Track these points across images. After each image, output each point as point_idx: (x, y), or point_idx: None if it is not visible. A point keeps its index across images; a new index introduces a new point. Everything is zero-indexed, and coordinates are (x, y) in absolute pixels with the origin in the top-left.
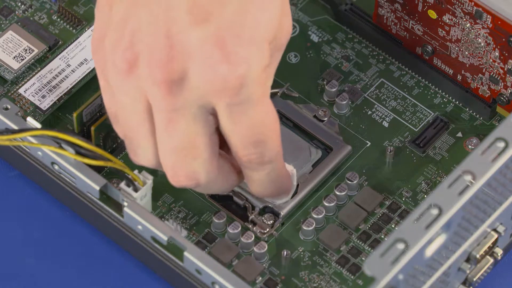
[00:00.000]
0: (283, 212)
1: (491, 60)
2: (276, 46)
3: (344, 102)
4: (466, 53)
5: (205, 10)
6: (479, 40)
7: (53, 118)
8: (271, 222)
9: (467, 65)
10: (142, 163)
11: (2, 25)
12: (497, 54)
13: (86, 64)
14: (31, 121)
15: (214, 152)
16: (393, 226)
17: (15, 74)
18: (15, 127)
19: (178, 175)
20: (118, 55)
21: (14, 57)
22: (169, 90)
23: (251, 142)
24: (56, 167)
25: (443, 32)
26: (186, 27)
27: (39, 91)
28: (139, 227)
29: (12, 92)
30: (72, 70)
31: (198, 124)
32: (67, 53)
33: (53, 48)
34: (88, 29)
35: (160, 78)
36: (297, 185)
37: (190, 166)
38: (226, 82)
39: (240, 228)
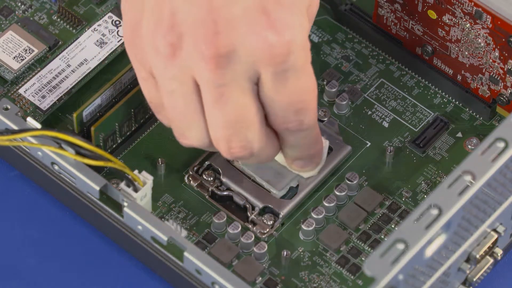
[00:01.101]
0: (283, 212)
1: (491, 60)
2: (310, 14)
3: (344, 102)
4: (466, 53)
5: None
6: (479, 40)
7: (53, 118)
8: (271, 222)
9: (467, 65)
10: (193, 144)
11: (2, 25)
12: (497, 54)
13: (86, 64)
14: (31, 121)
15: (263, 120)
16: (393, 226)
17: (15, 74)
18: (15, 127)
19: (233, 147)
20: (160, 41)
21: (14, 57)
22: (218, 65)
23: (292, 110)
24: (56, 167)
25: (443, 32)
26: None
27: (39, 91)
28: (139, 227)
29: (12, 92)
30: (72, 70)
31: (248, 94)
32: (67, 53)
33: (53, 48)
34: (88, 29)
35: (209, 54)
36: (297, 185)
37: (244, 137)
38: (274, 50)
39: (240, 228)
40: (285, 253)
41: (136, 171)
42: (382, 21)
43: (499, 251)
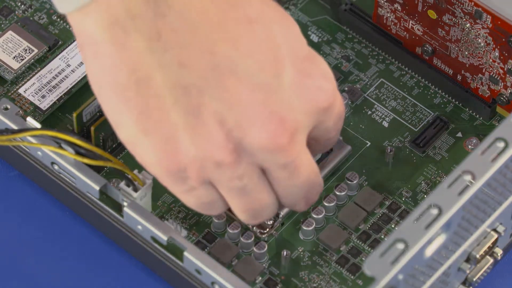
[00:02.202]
0: (283, 212)
1: (491, 60)
2: None
3: (344, 102)
4: (466, 53)
5: None
6: (479, 40)
7: (53, 118)
8: (271, 222)
9: (467, 65)
10: (264, 220)
11: (2, 25)
12: (497, 54)
13: None
14: (31, 121)
15: None
16: (393, 226)
17: (15, 74)
18: (15, 127)
19: (309, 203)
20: (220, 154)
21: (14, 57)
22: (286, 147)
23: (302, 196)
24: (56, 167)
25: (443, 32)
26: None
27: (39, 91)
28: (139, 227)
29: (12, 92)
30: (72, 70)
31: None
32: (67, 53)
33: (53, 48)
34: None
35: (276, 144)
36: None
37: (314, 191)
38: (327, 106)
39: (240, 228)
40: (285, 253)
41: (136, 171)
42: (382, 21)
43: (499, 251)
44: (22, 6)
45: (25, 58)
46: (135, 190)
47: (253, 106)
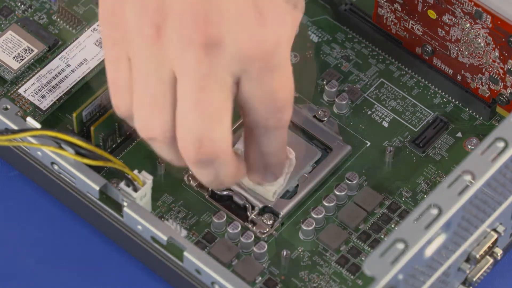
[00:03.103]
0: (282, 212)
1: (490, 60)
2: (299, 10)
3: (344, 102)
4: (466, 53)
5: None
6: (479, 40)
7: (53, 118)
8: (270, 222)
9: (467, 65)
10: (154, 136)
11: (2, 25)
12: (496, 54)
13: (86, 64)
14: (30, 121)
15: (231, 123)
16: (392, 226)
17: (15, 74)
18: (15, 127)
19: (201, 147)
20: (145, 21)
21: (14, 57)
22: (204, 54)
23: (274, 107)
24: (55, 167)
25: (443, 32)
26: None
27: (38, 91)
28: (139, 227)
29: (12, 92)
30: (71, 70)
31: (226, 92)
32: (66, 53)
33: (53, 48)
34: (87, 29)
35: (198, 41)
36: (297, 185)
37: (214, 136)
38: (264, 46)
39: (239, 228)
40: (285, 253)
41: (136, 171)
42: (382, 21)
43: (499, 251)
44: (22, 6)
45: (25, 58)
46: (135, 190)
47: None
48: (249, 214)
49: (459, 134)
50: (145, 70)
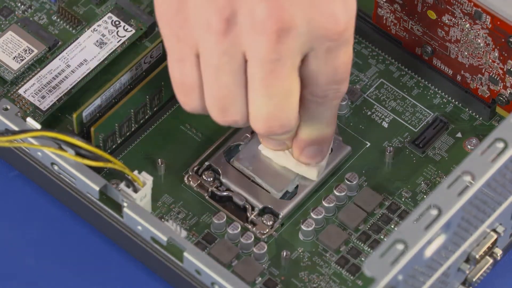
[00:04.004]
0: (282, 213)
1: (490, 60)
2: None
3: (344, 103)
4: (466, 53)
5: None
6: (479, 40)
7: (53, 119)
8: (270, 222)
9: (467, 66)
10: (235, 120)
11: (2, 26)
12: (496, 54)
13: (86, 64)
14: (30, 122)
15: (298, 97)
16: (392, 226)
17: (15, 75)
18: (15, 128)
19: (273, 125)
20: (213, 16)
21: (14, 58)
22: (279, 39)
23: (336, 80)
24: (56, 167)
25: (443, 32)
26: None
27: (38, 91)
28: (139, 227)
29: (12, 92)
30: (71, 71)
31: (295, 71)
32: (66, 53)
33: (53, 48)
34: (87, 29)
35: (270, 29)
36: (297, 186)
37: (285, 114)
38: (336, 25)
39: (239, 229)
40: (284, 253)
41: (135, 172)
42: (381, 21)
43: (498, 251)
44: (22, 6)
45: (25, 58)
46: (135, 191)
47: None
48: (249, 215)
49: (459, 135)
50: (218, 63)
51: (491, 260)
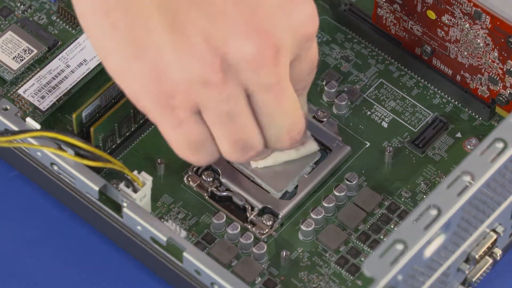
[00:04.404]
0: (282, 213)
1: (490, 60)
2: None
3: (343, 103)
4: (465, 53)
5: None
6: (478, 40)
7: (53, 119)
8: (270, 222)
9: (466, 66)
10: (255, 152)
11: (2, 26)
12: (496, 54)
13: (86, 64)
14: (30, 122)
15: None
16: (392, 226)
17: (15, 75)
18: (15, 128)
19: (295, 134)
20: (207, 71)
21: (14, 58)
22: (275, 63)
23: (313, 68)
24: (55, 168)
25: (442, 32)
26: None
27: (38, 91)
28: (139, 227)
29: (12, 92)
30: (71, 71)
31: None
32: (66, 53)
33: (53, 48)
34: None
35: (265, 59)
36: (296, 186)
37: (299, 118)
38: (315, 23)
39: (239, 229)
40: (284, 253)
41: (135, 172)
42: (381, 22)
43: (498, 251)
44: (22, 6)
45: (25, 58)
46: (135, 191)
47: (238, 20)
48: (248, 215)
49: (459, 135)
50: (228, 110)
51: (490, 260)
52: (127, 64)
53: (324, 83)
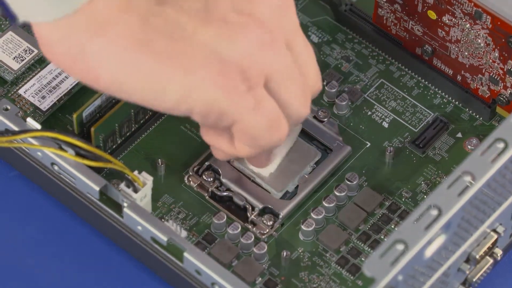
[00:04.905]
0: (282, 213)
1: (490, 60)
2: None
3: (344, 103)
4: (466, 53)
5: None
6: (479, 40)
7: (53, 119)
8: (270, 222)
9: (467, 66)
10: (287, 128)
11: (2, 26)
12: (496, 54)
13: None
14: (31, 122)
15: None
16: (392, 226)
17: (15, 75)
18: (15, 128)
19: (318, 89)
20: (257, 35)
21: (14, 58)
22: (280, 51)
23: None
24: (56, 168)
25: (443, 32)
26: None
27: (39, 91)
28: (139, 227)
29: (12, 92)
30: None
31: None
32: None
33: None
34: None
35: (278, 44)
36: (297, 186)
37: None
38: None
39: (240, 229)
40: (285, 253)
41: (136, 172)
42: (382, 22)
43: (498, 252)
44: None
45: (25, 58)
46: (135, 191)
47: None
48: (249, 215)
49: (459, 135)
50: (288, 65)
51: (491, 260)
52: (191, 82)
53: (324, 83)
